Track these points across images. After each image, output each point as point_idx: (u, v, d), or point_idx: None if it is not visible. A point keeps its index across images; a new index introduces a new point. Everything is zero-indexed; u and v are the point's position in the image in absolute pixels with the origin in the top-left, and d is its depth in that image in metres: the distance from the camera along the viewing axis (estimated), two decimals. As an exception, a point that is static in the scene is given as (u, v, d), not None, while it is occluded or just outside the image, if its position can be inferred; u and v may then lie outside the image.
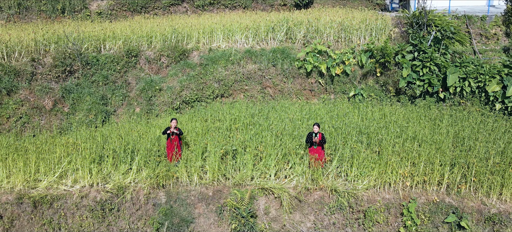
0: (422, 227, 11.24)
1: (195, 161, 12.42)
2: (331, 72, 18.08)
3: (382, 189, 11.98)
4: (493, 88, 15.63)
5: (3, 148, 12.86)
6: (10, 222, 11.41)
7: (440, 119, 14.70)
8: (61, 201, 11.66)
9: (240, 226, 11.41)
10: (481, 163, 11.83)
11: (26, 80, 16.80)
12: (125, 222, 11.67)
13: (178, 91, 17.63)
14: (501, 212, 11.32)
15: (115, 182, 11.98)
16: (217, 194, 11.97)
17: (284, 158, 12.64)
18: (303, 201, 11.85)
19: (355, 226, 11.62)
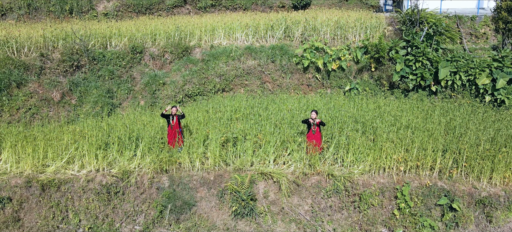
0: (415, 209, 11.21)
1: (197, 148, 12.40)
2: (327, 68, 18.10)
3: (377, 173, 11.97)
4: (483, 81, 15.65)
5: (13, 136, 12.83)
6: (19, 204, 11.38)
7: (432, 110, 14.71)
8: (68, 185, 11.63)
9: (240, 209, 11.38)
10: (472, 149, 11.83)
11: (35, 74, 16.81)
12: (130, 205, 11.64)
13: (181, 85, 17.64)
14: (491, 195, 11.32)
15: (120, 167, 11.96)
16: (218, 179, 11.94)
17: (282, 145, 12.63)
18: (301, 185, 11.83)
19: (351, 208, 11.60)
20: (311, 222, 11.50)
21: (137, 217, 11.56)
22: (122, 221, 11.50)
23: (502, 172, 11.49)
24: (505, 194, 11.25)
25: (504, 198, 11.23)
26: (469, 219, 11.09)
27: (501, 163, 11.47)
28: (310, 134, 12.23)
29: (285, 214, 11.64)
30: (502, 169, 11.49)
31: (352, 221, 11.47)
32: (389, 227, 11.28)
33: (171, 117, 12.67)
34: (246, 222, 11.55)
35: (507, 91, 15.33)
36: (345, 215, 11.60)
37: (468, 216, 11.11)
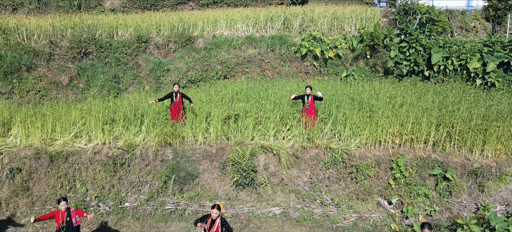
0: (410, 179, 11.13)
1: (199, 123, 12.34)
2: (324, 56, 18.08)
3: (372, 147, 11.90)
4: (474, 65, 15.63)
5: (23, 113, 12.77)
6: (29, 175, 11.28)
7: (426, 92, 14.68)
8: (76, 156, 11.55)
9: (241, 179, 11.30)
10: (464, 123, 11.77)
11: (45, 59, 16.77)
12: (135, 176, 11.55)
13: (184, 71, 17.61)
14: (483, 166, 11.23)
15: (126, 140, 11.88)
16: (220, 152, 11.87)
17: (282, 120, 12.57)
18: (300, 158, 11.75)
19: (348, 179, 11.52)
20: (309, 192, 11.41)
21: (142, 187, 11.47)
22: (127, 191, 11.41)
23: (493, 144, 11.41)
24: (497, 165, 11.17)
25: (496, 169, 11.15)
26: (462, 189, 11.01)
27: (492, 136, 11.40)
28: (305, 108, 12.30)
29: (285, 185, 11.55)
30: (494, 142, 11.42)
31: (349, 191, 11.38)
32: (384, 196, 11.19)
33: (174, 94, 12.66)
34: (247, 192, 11.47)
35: (497, 75, 15.31)
36: (342, 186, 11.51)
37: (461, 185, 11.02)
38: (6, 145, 11.77)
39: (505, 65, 15.44)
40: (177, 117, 12.52)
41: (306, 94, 12.34)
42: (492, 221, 9.63)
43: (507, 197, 10.91)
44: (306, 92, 12.30)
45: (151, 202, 11.13)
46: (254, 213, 10.95)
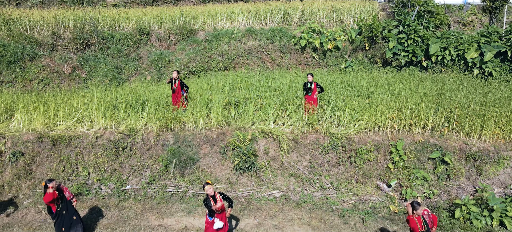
0: (408, 163, 11.07)
1: (200, 108, 12.29)
2: (324, 47, 18.04)
3: (372, 132, 11.84)
4: (471, 55, 15.58)
5: (26, 100, 12.72)
6: (31, 158, 11.22)
7: (424, 80, 14.62)
8: (78, 141, 11.48)
9: (242, 162, 11.23)
10: (462, 109, 11.72)
11: (47, 50, 16.72)
12: (137, 160, 11.49)
13: (185, 62, 17.56)
14: (481, 150, 11.17)
15: (127, 124, 11.82)
16: (221, 137, 11.81)
17: (282, 106, 12.52)
18: (299, 143, 11.69)
19: (347, 164, 11.46)
20: (309, 176, 11.34)
21: (143, 171, 11.41)
22: (129, 174, 11.35)
23: (491, 129, 11.35)
24: (494, 149, 11.11)
25: (493, 153, 11.08)
26: (460, 172, 10.95)
27: (490, 120, 11.34)
28: (307, 95, 12.28)
29: (285, 169, 11.49)
30: (492, 127, 11.36)
31: (349, 175, 11.32)
32: (383, 180, 11.13)
33: (173, 81, 12.62)
34: (247, 176, 11.40)
35: (494, 64, 15.26)
36: (342, 170, 11.45)
37: (459, 169, 10.96)
38: (9, 130, 11.70)
39: (502, 55, 15.40)
40: (177, 102, 12.47)
41: (308, 82, 12.34)
42: (490, 202, 9.57)
43: (505, 180, 10.84)
44: (308, 80, 12.32)
45: (152, 185, 11.06)
46: (254, 196, 10.88)
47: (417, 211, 7.17)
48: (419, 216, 7.23)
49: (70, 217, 8.25)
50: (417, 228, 7.18)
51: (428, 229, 7.28)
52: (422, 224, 7.20)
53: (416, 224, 7.18)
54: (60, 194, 8.12)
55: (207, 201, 7.61)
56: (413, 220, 7.20)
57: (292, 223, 9.53)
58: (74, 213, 8.36)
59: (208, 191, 7.59)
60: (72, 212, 8.32)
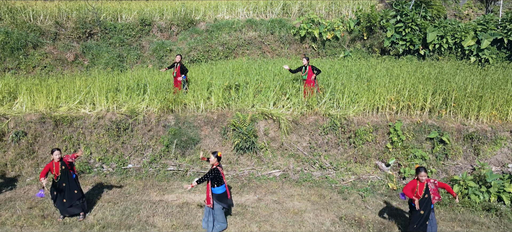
0: (407, 143, 11.01)
1: (201, 91, 12.23)
2: (323, 37, 18.00)
3: (370, 113, 11.78)
4: (468, 43, 15.54)
5: (29, 83, 12.67)
6: (34, 138, 11.15)
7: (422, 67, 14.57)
8: (80, 121, 11.41)
9: (242, 142, 11.16)
10: (460, 91, 11.67)
11: (50, 38, 16.67)
12: (138, 140, 11.42)
13: (186, 51, 17.51)
14: (479, 131, 11.11)
15: (129, 106, 11.76)
16: (221, 118, 11.74)
17: (281, 89, 12.47)
18: (299, 124, 11.63)
19: (346, 144, 11.39)
20: (309, 156, 11.28)
21: (145, 151, 11.34)
22: (130, 154, 11.28)
23: (488, 110, 11.29)
24: (492, 130, 11.06)
25: (491, 133, 11.03)
26: (458, 152, 10.89)
27: (487, 102, 11.28)
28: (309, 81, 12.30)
29: (285, 149, 11.42)
30: (489, 108, 11.30)
31: (348, 156, 11.25)
32: (382, 160, 11.07)
33: (175, 65, 12.59)
34: (247, 156, 11.33)
35: (491, 52, 15.22)
36: (341, 150, 11.38)
37: (457, 149, 10.90)
38: (12, 111, 11.64)
39: (499, 43, 15.36)
40: (179, 85, 12.42)
41: (303, 66, 12.32)
42: (488, 178, 9.52)
43: (502, 159, 10.78)
44: (303, 63, 12.30)
45: (153, 164, 10.99)
46: (254, 175, 10.81)
47: (419, 175, 7.05)
48: (422, 183, 7.11)
49: (71, 191, 8.15)
50: (411, 193, 7.08)
51: (429, 198, 7.15)
52: (423, 191, 7.10)
53: (413, 188, 7.07)
54: (63, 166, 8.05)
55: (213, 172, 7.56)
56: (415, 183, 7.08)
57: (292, 199, 9.46)
58: (76, 187, 8.26)
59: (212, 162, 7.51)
60: (74, 186, 8.22)
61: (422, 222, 7.26)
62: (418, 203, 7.08)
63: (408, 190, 7.18)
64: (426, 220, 7.25)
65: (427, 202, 7.17)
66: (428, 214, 7.25)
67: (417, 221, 7.29)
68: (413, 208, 7.33)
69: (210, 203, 7.57)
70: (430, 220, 7.28)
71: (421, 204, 7.17)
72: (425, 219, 7.24)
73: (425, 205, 7.19)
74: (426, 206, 7.19)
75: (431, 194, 7.18)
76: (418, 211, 7.20)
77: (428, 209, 7.21)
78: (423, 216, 7.21)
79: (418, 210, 7.17)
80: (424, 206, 7.19)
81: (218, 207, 7.71)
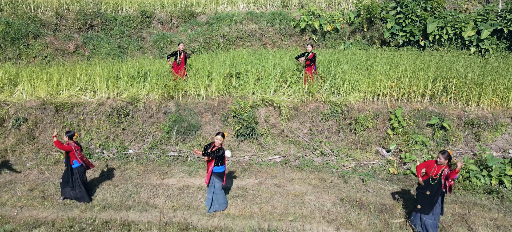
0: (407, 129, 10.93)
1: (201, 78, 12.16)
2: (323, 29, 17.92)
3: (371, 100, 11.71)
4: (468, 33, 15.47)
5: (29, 71, 12.59)
6: (34, 124, 11.08)
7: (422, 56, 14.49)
8: (80, 107, 11.34)
9: (243, 129, 11.09)
10: (460, 78, 11.60)
11: (51, 29, 16.59)
12: (139, 127, 11.35)
13: (187, 43, 17.43)
14: (479, 117, 11.04)
15: (129, 92, 11.69)
16: (222, 105, 11.67)
17: (282, 77, 12.40)
18: (299, 111, 11.55)
19: (347, 131, 11.32)
20: (309, 143, 11.20)
21: (145, 137, 11.27)
22: (131, 140, 11.20)
23: (489, 97, 11.22)
24: (492, 116, 10.98)
25: (491, 120, 10.95)
26: (459, 138, 10.81)
27: (488, 89, 11.21)
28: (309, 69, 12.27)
29: (285, 136, 11.35)
30: (489, 95, 11.23)
31: (348, 142, 11.18)
32: (383, 146, 10.99)
33: (178, 53, 12.52)
34: (248, 143, 11.26)
35: (491, 42, 15.15)
36: (341, 137, 11.31)
37: (458, 135, 10.83)
38: (13, 98, 11.57)
39: (499, 33, 15.28)
40: (179, 72, 12.35)
41: (307, 52, 12.31)
42: (489, 162, 9.44)
43: (503, 145, 10.71)
44: (307, 50, 12.28)
45: (154, 150, 10.92)
46: (255, 160, 10.74)
47: (440, 159, 6.91)
48: (439, 166, 6.96)
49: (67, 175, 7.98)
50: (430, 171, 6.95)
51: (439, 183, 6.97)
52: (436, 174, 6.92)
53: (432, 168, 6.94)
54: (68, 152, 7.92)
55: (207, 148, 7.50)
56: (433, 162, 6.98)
57: (293, 182, 9.38)
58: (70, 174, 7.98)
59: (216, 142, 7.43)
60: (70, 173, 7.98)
61: (427, 202, 7.09)
62: (421, 181, 7.02)
63: (419, 167, 7.10)
64: (432, 203, 7.06)
65: (437, 187, 6.99)
66: (435, 198, 7.05)
67: (422, 201, 7.16)
68: (420, 188, 7.24)
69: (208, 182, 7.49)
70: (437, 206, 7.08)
71: (428, 185, 7.04)
72: (431, 202, 7.04)
73: (432, 188, 7.02)
74: (433, 189, 7.02)
75: (442, 180, 6.97)
76: (424, 191, 7.10)
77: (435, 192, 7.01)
78: (429, 197, 7.04)
79: (424, 190, 7.07)
80: (431, 188, 7.03)
81: (219, 185, 7.64)
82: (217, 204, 7.71)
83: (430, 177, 7.01)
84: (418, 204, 7.26)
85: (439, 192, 6.96)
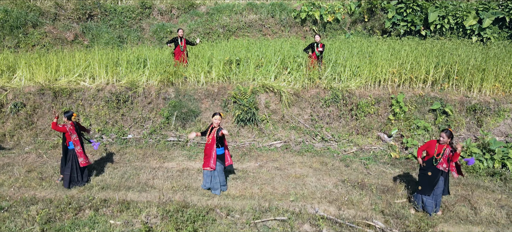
0: (409, 114, 10.83)
1: (201, 64, 12.05)
2: (323, 20, 17.81)
3: (372, 86, 11.61)
4: (470, 22, 15.36)
5: (28, 58, 12.48)
6: (33, 110, 10.97)
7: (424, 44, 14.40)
8: (79, 93, 11.24)
9: (243, 114, 10.99)
10: (462, 64, 11.49)
11: (50, 19, 16.48)
12: (138, 113, 11.24)
13: (187, 33, 17.32)
14: (482, 102, 10.93)
15: (129, 78, 11.58)
16: (222, 91, 11.57)
17: (282, 63, 12.30)
18: (300, 97, 11.45)
19: (348, 117, 11.21)
20: (310, 129, 11.10)
21: (145, 123, 11.16)
22: (130, 126, 11.10)
23: (491, 82, 11.12)
24: (495, 102, 10.87)
25: (494, 105, 10.84)
26: (461, 123, 10.71)
27: (490, 74, 11.11)
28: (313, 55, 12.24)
29: (286, 122, 11.25)
30: (492, 80, 11.13)
31: (349, 128, 11.08)
32: (384, 131, 10.89)
33: (179, 39, 12.42)
34: (248, 128, 11.16)
35: (492, 31, 15.04)
36: (342, 123, 11.21)
37: (460, 120, 10.72)
38: (11, 84, 11.46)
39: (501, 22, 15.18)
40: (180, 58, 12.25)
41: (315, 42, 12.32)
42: (492, 145, 9.34)
43: (506, 131, 10.61)
44: (316, 40, 12.30)
45: (153, 135, 10.82)
46: (255, 146, 10.63)
47: (444, 138, 6.80)
48: (441, 145, 6.86)
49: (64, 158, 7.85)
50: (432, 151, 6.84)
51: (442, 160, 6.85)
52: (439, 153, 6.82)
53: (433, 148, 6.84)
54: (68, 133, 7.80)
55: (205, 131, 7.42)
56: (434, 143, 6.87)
57: (294, 166, 9.28)
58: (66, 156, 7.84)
59: (214, 122, 7.34)
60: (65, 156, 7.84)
61: (428, 183, 7.00)
62: (421, 161, 6.93)
63: (420, 149, 7.01)
64: (433, 184, 6.96)
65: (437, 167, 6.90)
66: (437, 178, 6.95)
67: (423, 182, 7.06)
68: (421, 168, 7.13)
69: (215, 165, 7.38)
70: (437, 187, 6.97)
71: (430, 165, 6.94)
72: (432, 183, 6.94)
73: (434, 169, 6.92)
74: (435, 169, 6.92)
75: (443, 159, 6.86)
76: (425, 172, 6.99)
77: (436, 173, 6.92)
78: (430, 178, 6.94)
79: (425, 171, 6.97)
80: (432, 169, 6.93)
81: (221, 167, 7.55)
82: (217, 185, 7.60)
83: (433, 158, 6.90)
84: (419, 185, 7.16)
85: (440, 172, 6.86)
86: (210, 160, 7.38)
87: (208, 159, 7.42)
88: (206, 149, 7.48)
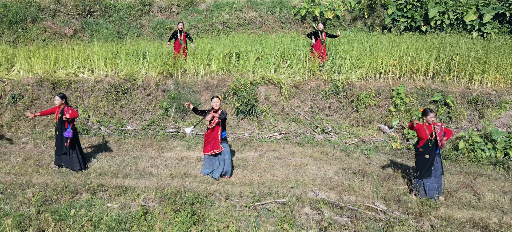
0: (410, 106, 10.76)
1: (201, 56, 11.99)
2: (323, 16, 17.79)
3: (373, 78, 11.54)
4: (470, 17, 15.33)
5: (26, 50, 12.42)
6: (31, 101, 10.89)
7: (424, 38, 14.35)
8: (78, 85, 11.16)
9: (243, 106, 10.91)
10: (463, 56, 11.43)
11: (49, 15, 16.44)
12: (137, 105, 11.16)
13: (187, 29, 17.29)
14: (483, 94, 10.86)
15: (128, 70, 11.51)
16: (222, 83, 11.49)
17: (282, 56, 12.24)
18: (300, 89, 11.37)
19: (348, 109, 11.13)
20: (310, 121, 11.01)
21: (144, 115, 11.07)
22: (129, 118, 11.01)
23: (493, 74, 11.05)
24: (496, 93, 10.80)
25: (495, 97, 10.77)
26: (462, 115, 10.63)
27: (492, 66, 11.05)
28: (318, 43, 12.20)
29: (286, 114, 11.16)
30: (493, 72, 11.06)
31: (350, 120, 10.99)
32: (385, 123, 10.80)
33: (179, 32, 12.37)
34: (248, 120, 11.07)
35: (493, 26, 15.01)
36: (343, 115, 11.12)
37: (461, 112, 10.64)
38: (9, 76, 11.39)
39: (501, 17, 15.16)
40: (179, 50, 12.19)
41: (319, 30, 12.26)
42: (494, 135, 9.25)
43: (507, 122, 10.52)
44: (319, 28, 12.25)
45: (152, 127, 10.73)
46: (255, 137, 10.54)
47: (427, 117, 6.81)
48: (430, 125, 6.86)
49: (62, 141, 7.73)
50: (425, 134, 6.83)
51: (436, 138, 6.87)
52: (431, 132, 6.83)
53: (424, 130, 6.83)
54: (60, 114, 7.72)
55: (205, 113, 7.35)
56: (422, 126, 6.87)
57: (294, 155, 9.18)
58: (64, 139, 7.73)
59: (214, 105, 7.27)
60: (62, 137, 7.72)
61: (427, 167, 6.97)
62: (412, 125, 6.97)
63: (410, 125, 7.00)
64: (431, 165, 6.95)
65: (433, 147, 6.88)
66: (433, 159, 6.95)
67: (422, 166, 7.01)
68: (419, 153, 7.06)
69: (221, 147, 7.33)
70: (435, 164, 6.98)
71: (426, 148, 6.90)
72: (431, 164, 6.94)
73: (431, 150, 6.91)
74: (431, 150, 6.90)
75: (438, 137, 6.88)
76: (423, 156, 6.93)
77: (433, 153, 6.92)
78: (428, 160, 6.91)
79: (422, 155, 6.90)
80: (429, 150, 6.90)
81: (228, 148, 7.51)
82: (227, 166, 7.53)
83: (428, 140, 6.86)
84: (418, 171, 7.10)
85: (434, 152, 6.85)
86: (216, 142, 7.33)
87: (214, 141, 7.36)
88: (209, 134, 7.41)
